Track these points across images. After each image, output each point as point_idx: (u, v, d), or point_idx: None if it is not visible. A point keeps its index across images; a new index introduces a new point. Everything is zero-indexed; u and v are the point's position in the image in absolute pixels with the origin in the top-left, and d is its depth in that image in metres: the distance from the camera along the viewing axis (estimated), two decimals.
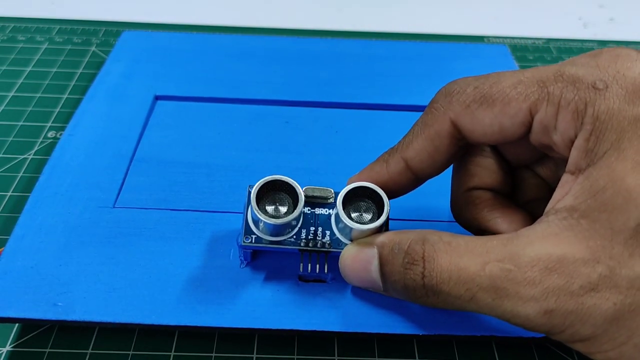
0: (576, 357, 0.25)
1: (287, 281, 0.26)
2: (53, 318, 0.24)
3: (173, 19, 0.49)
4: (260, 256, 0.26)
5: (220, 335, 0.26)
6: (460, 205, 0.25)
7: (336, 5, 0.53)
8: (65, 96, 0.39)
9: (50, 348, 0.25)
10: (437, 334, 0.24)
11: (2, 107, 0.38)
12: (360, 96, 0.37)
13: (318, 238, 0.24)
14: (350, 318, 0.24)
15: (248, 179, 0.29)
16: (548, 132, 0.21)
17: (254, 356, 0.25)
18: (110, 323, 0.24)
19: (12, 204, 0.31)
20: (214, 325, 0.24)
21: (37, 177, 0.30)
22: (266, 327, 0.24)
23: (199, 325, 0.24)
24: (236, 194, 0.30)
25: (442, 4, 0.54)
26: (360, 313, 0.25)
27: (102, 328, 0.25)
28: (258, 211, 0.23)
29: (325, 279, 0.26)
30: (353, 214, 0.24)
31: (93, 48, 0.45)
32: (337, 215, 0.24)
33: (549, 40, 0.49)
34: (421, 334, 0.24)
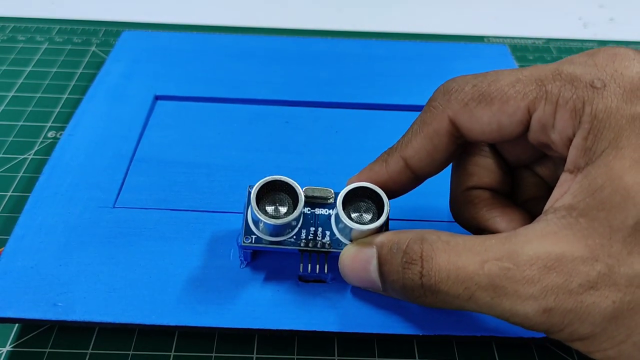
0: (576, 357, 0.25)
1: (287, 281, 0.26)
2: (53, 318, 0.24)
3: (173, 19, 0.49)
4: (260, 256, 0.26)
5: (220, 335, 0.26)
6: (459, 204, 0.25)
7: (336, 5, 0.53)
8: (65, 96, 0.39)
9: (50, 348, 0.25)
10: (437, 334, 0.24)
11: (2, 107, 0.38)
12: (360, 96, 0.37)
13: (318, 238, 0.24)
14: (350, 318, 0.24)
15: (248, 179, 0.29)
16: (546, 131, 0.21)
17: (254, 356, 0.25)
18: (110, 323, 0.24)
19: (12, 204, 0.31)
20: (214, 325, 0.24)
21: (37, 177, 0.30)
22: (266, 328, 0.24)
23: (199, 325, 0.24)
24: (236, 194, 0.30)
25: (442, 4, 0.54)
26: (360, 313, 0.25)
27: (102, 328, 0.25)
28: (258, 211, 0.23)
29: (325, 279, 0.26)
30: (353, 215, 0.24)
31: (93, 48, 0.45)
32: (337, 215, 0.24)
33: (549, 40, 0.49)
34: (421, 334, 0.24)
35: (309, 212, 0.25)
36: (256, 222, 0.24)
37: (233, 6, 0.52)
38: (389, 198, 0.24)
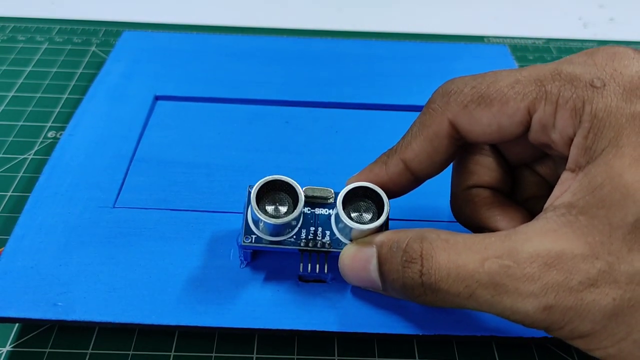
0: (576, 357, 0.25)
1: (287, 281, 0.26)
2: (53, 318, 0.24)
3: (173, 19, 0.49)
4: (260, 256, 0.26)
5: (220, 335, 0.26)
6: (459, 203, 0.25)
7: (336, 5, 0.53)
8: (65, 96, 0.39)
9: (50, 348, 0.25)
10: (437, 334, 0.24)
11: (2, 107, 0.38)
12: (360, 96, 0.37)
13: (318, 238, 0.24)
14: (350, 318, 0.24)
15: (248, 179, 0.29)
16: (547, 131, 0.21)
17: (254, 356, 0.25)
18: (110, 323, 0.24)
19: (12, 204, 0.31)
20: (214, 325, 0.24)
21: (37, 177, 0.30)
22: (266, 327, 0.24)
23: (199, 325, 0.24)
24: (236, 194, 0.30)
25: (442, 4, 0.54)
26: (360, 313, 0.25)
27: (102, 328, 0.25)
28: (258, 211, 0.23)
29: (325, 279, 0.26)
30: (353, 214, 0.24)
31: (93, 48, 0.45)
32: (337, 215, 0.24)
33: (549, 40, 0.49)
34: (421, 334, 0.24)
35: (309, 212, 0.25)
36: (256, 222, 0.24)
37: (233, 6, 0.52)
38: (388, 198, 0.24)
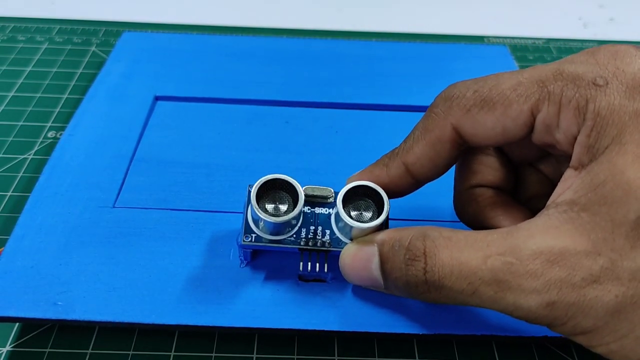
0: (576, 357, 0.25)
1: (287, 281, 0.26)
2: (53, 317, 0.24)
3: (173, 19, 0.49)
4: (260, 256, 0.26)
5: (220, 335, 0.26)
6: (462, 202, 0.25)
7: (336, 5, 0.53)
8: (65, 96, 0.39)
9: (50, 348, 0.25)
10: (437, 334, 0.24)
11: (2, 107, 0.38)
12: (360, 96, 0.37)
13: (318, 237, 0.24)
14: (350, 317, 0.24)
15: (248, 179, 0.29)
16: (551, 131, 0.21)
17: (254, 356, 0.25)
18: (110, 322, 0.24)
19: (12, 204, 0.31)
20: (214, 324, 0.24)
21: (37, 177, 0.30)
22: (266, 327, 0.24)
23: (199, 324, 0.24)
24: (236, 194, 0.30)
25: (442, 4, 0.54)
26: (360, 312, 0.25)
27: (102, 328, 0.25)
28: (258, 209, 0.23)
29: (325, 279, 0.26)
30: (353, 213, 0.24)
31: (93, 48, 0.45)
32: (337, 214, 0.24)
33: (549, 40, 0.49)
34: (421, 333, 0.24)
35: (309, 212, 0.25)
36: (256, 221, 0.24)
37: (233, 6, 0.52)
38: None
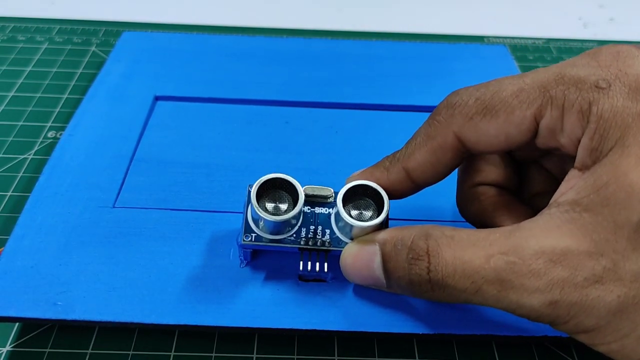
0: (576, 357, 0.25)
1: (287, 280, 0.26)
2: (53, 317, 0.24)
3: (173, 19, 0.49)
4: (260, 256, 0.26)
5: (220, 335, 0.26)
6: (465, 200, 0.25)
7: (336, 5, 0.53)
8: (65, 96, 0.39)
9: (50, 348, 0.25)
10: (438, 333, 0.24)
11: (2, 107, 0.38)
12: (360, 96, 0.37)
13: (318, 237, 0.24)
14: (350, 317, 0.24)
15: (248, 179, 0.29)
16: (555, 135, 0.21)
17: (254, 356, 0.25)
18: (110, 322, 0.24)
19: (12, 204, 0.31)
20: (214, 324, 0.24)
21: (37, 177, 0.30)
22: (266, 327, 0.24)
23: (199, 324, 0.24)
24: (236, 194, 0.30)
25: (442, 4, 0.54)
26: (360, 312, 0.25)
27: (102, 328, 0.25)
28: (258, 209, 0.23)
29: (325, 278, 0.26)
30: (353, 212, 0.24)
31: (93, 48, 0.45)
32: (337, 213, 0.24)
33: (549, 40, 0.49)
34: (421, 333, 0.24)
35: (309, 211, 0.25)
36: (256, 221, 0.24)
37: (233, 6, 0.52)
38: None
